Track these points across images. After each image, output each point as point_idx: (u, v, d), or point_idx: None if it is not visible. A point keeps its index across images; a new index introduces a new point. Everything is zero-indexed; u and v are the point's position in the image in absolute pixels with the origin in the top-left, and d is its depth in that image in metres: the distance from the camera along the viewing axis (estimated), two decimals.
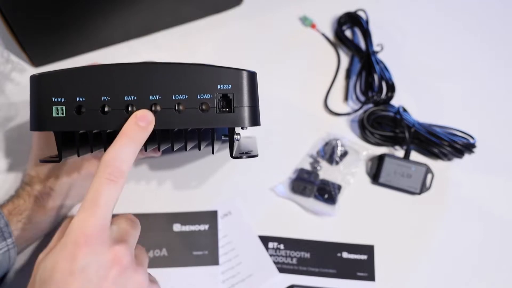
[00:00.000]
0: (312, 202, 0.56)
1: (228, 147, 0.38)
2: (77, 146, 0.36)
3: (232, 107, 0.34)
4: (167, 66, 0.34)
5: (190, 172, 0.56)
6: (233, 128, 0.36)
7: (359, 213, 0.56)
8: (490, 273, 0.55)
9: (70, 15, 0.52)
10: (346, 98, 0.62)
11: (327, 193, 0.55)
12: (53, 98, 0.34)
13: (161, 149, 0.37)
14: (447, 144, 0.56)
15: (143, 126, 0.33)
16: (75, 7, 0.51)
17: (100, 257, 0.30)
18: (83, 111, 0.34)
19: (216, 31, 0.63)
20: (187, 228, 0.54)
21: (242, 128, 0.37)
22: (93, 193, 0.31)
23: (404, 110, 0.58)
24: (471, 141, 0.57)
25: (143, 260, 0.34)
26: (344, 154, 0.58)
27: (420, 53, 0.65)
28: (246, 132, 0.54)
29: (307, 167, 0.57)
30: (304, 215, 0.56)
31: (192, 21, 0.63)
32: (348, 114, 0.60)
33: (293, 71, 0.62)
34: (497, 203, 0.58)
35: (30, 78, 0.35)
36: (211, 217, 0.54)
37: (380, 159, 0.57)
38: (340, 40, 0.64)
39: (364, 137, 0.59)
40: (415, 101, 0.61)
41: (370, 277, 0.54)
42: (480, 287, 0.55)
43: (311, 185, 0.55)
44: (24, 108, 0.56)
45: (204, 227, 0.54)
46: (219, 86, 0.34)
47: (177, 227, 0.54)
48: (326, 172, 0.57)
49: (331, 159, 0.57)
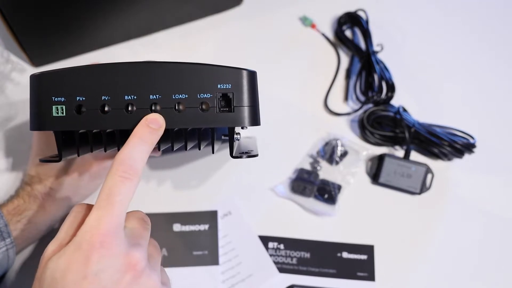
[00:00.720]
0: (312, 202, 0.56)
1: (228, 147, 0.38)
2: (77, 145, 0.36)
3: (232, 107, 0.34)
4: (167, 66, 0.34)
5: (190, 172, 0.56)
6: (233, 127, 0.36)
7: (359, 213, 0.56)
8: (490, 273, 0.55)
9: (70, 15, 0.52)
10: (346, 98, 0.62)
11: (327, 193, 0.55)
12: (53, 97, 0.34)
13: (161, 149, 0.37)
14: (447, 144, 0.56)
15: (154, 128, 0.33)
16: (75, 7, 0.51)
17: (115, 262, 0.29)
18: (83, 110, 0.34)
19: (216, 31, 0.63)
20: (187, 228, 0.54)
21: (242, 127, 0.37)
22: (108, 190, 0.31)
23: (404, 110, 0.58)
24: (471, 141, 0.57)
25: (156, 262, 0.34)
26: (344, 154, 0.58)
27: (420, 53, 0.65)
28: (246, 132, 0.54)
29: (307, 167, 0.57)
30: (304, 215, 0.56)
31: (192, 21, 0.63)
32: (348, 114, 0.60)
33: (293, 71, 0.62)
34: (497, 203, 0.58)
35: (30, 77, 0.35)
36: (211, 217, 0.54)
37: (380, 159, 0.57)
38: (340, 40, 0.64)
39: (364, 137, 0.59)
40: (415, 101, 0.61)
41: (370, 277, 0.54)
42: (480, 287, 0.55)
43: (311, 185, 0.55)
44: (24, 108, 0.56)
45: (204, 227, 0.54)
46: (219, 86, 0.34)
47: (177, 227, 0.54)
48: (326, 172, 0.57)
49: (331, 159, 0.57)
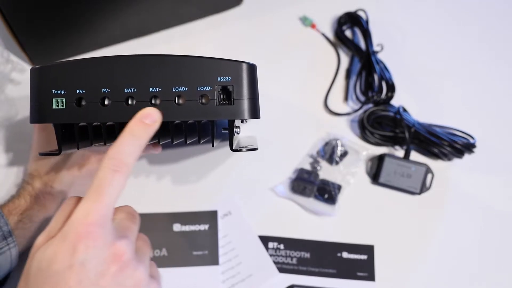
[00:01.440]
0: (312, 202, 0.56)
1: (228, 145, 0.38)
2: (77, 138, 0.36)
3: (232, 99, 0.34)
4: (167, 58, 0.34)
5: (190, 172, 0.56)
6: (233, 120, 0.36)
7: (359, 213, 0.56)
8: (490, 273, 0.55)
9: (70, 15, 0.52)
10: (346, 98, 0.62)
11: (327, 193, 0.55)
12: (53, 90, 0.34)
13: (160, 143, 0.37)
14: (447, 144, 0.56)
15: (148, 124, 0.33)
16: (75, 7, 0.51)
17: (100, 252, 0.29)
18: (83, 103, 0.34)
19: (216, 31, 0.63)
20: (187, 228, 0.54)
21: (242, 121, 0.37)
22: (97, 182, 0.31)
23: (404, 110, 0.58)
24: (471, 141, 0.57)
25: (144, 255, 0.34)
26: (344, 154, 0.58)
27: (420, 53, 0.65)
28: (246, 131, 0.54)
29: (307, 167, 0.57)
30: (304, 215, 0.56)
31: (192, 21, 0.63)
32: (348, 114, 0.60)
33: (293, 71, 0.62)
34: (497, 203, 0.58)
35: (31, 71, 0.35)
36: (211, 217, 0.54)
37: (380, 159, 0.57)
38: (340, 40, 0.64)
39: (364, 137, 0.59)
40: (415, 101, 0.61)
41: (370, 277, 0.54)
42: (480, 287, 0.55)
43: (311, 185, 0.55)
44: (24, 108, 0.56)
45: (204, 227, 0.54)
46: (219, 78, 0.34)
47: (177, 227, 0.54)
48: (326, 172, 0.57)
49: (331, 159, 0.57)
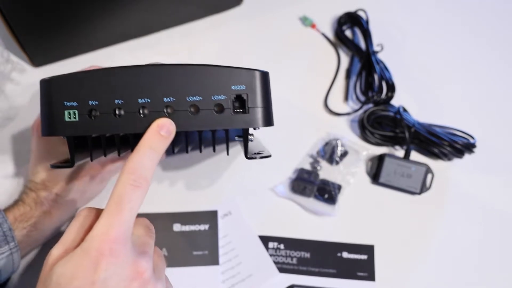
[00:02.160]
0: (312, 202, 0.56)
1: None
2: (91, 150, 0.36)
3: (247, 108, 0.34)
4: (180, 68, 0.34)
5: (190, 172, 0.56)
6: (247, 128, 0.36)
7: (359, 213, 0.56)
8: (491, 273, 0.55)
9: (70, 15, 0.52)
10: (346, 98, 0.62)
11: (327, 193, 0.55)
12: (65, 102, 0.33)
13: (175, 152, 0.36)
14: (447, 144, 0.56)
15: (164, 136, 0.33)
16: (75, 7, 0.51)
17: (122, 269, 0.30)
18: (96, 114, 0.33)
19: (216, 31, 0.63)
20: (187, 228, 0.54)
21: (254, 128, 0.37)
22: (117, 198, 0.31)
23: (404, 110, 0.58)
24: (471, 141, 0.57)
25: (161, 271, 0.34)
26: (344, 154, 0.58)
27: (420, 53, 0.65)
28: None
29: (307, 167, 0.57)
30: (304, 215, 0.56)
31: (192, 21, 0.63)
32: (348, 114, 0.60)
33: (293, 71, 0.62)
34: (497, 203, 0.58)
35: (41, 82, 0.34)
36: (211, 217, 0.54)
37: (380, 159, 0.57)
38: (340, 40, 0.64)
39: (364, 137, 0.59)
40: (415, 101, 0.61)
41: (370, 277, 0.54)
42: (480, 287, 0.55)
43: (311, 185, 0.55)
44: (24, 108, 0.56)
45: (204, 227, 0.54)
46: (233, 87, 0.34)
47: (177, 227, 0.54)
48: (326, 172, 0.57)
49: (331, 159, 0.57)
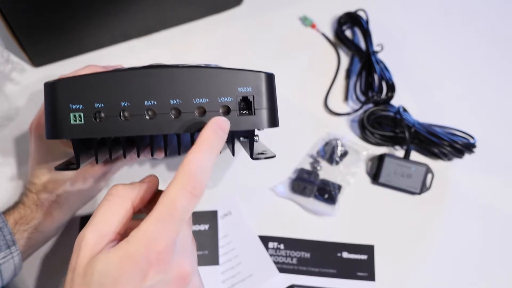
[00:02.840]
0: (312, 202, 0.56)
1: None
2: (96, 152, 0.36)
3: (253, 109, 0.34)
4: (187, 70, 0.34)
5: None
6: (253, 130, 0.36)
7: (359, 213, 0.56)
8: (491, 273, 0.55)
9: (70, 15, 0.52)
10: (346, 98, 0.62)
11: (327, 193, 0.55)
12: (70, 105, 0.33)
13: (181, 154, 0.36)
14: (447, 144, 0.56)
15: (221, 136, 0.32)
16: (75, 7, 0.51)
17: (168, 276, 0.29)
18: (102, 117, 0.33)
19: (216, 31, 0.63)
20: None
21: (258, 129, 0.37)
22: (171, 204, 0.29)
23: (404, 110, 0.58)
24: (471, 141, 0.57)
25: (196, 262, 0.33)
26: (344, 154, 0.58)
27: (420, 53, 0.65)
28: None
29: (307, 167, 0.57)
30: (304, 215, 0.56)
31: (192, 21, 0.63)
32: (348, 114, 0.60)
33: (293, 71, 0.62)
34: (497, 203, 0.58)
35: (45, 85, 0.34)
36: (211, 217, 0.54)
37: (380, 159, 0.57)
38: (340, 40, 0.64)
39: (364, 137, 0.59)
40: (415, 101, 0.61)
41: (370, 277, 0.54)
42: (480, 287, 0.55)
43: (311, 185, 0.55)
44: (24, 108, 0.57)
45: (204, 227, 0.54)
46: (239, 89, 0.34)
47: None
48: (326, 172, 0.57)
49: (331, 159, 0.57)
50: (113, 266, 0.28)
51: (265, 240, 0.54)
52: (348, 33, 0.65)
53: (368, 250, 0.55)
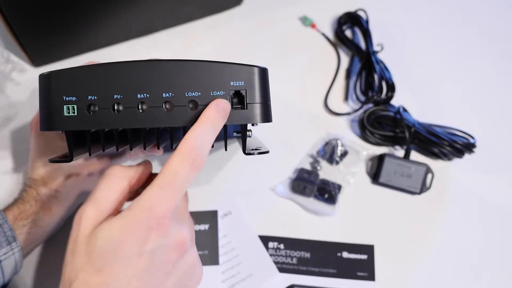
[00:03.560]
0: (312, 202, 0.56)
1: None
2: (89, 145, 0.36)
3: (245, 104, 0.34)
4: (180, 63, 0.34)
5: None
6: (246, 124, 0.36)
7: (359, 213, 0.56)
8: (490, 273, 0.55)
9: (70, 15, 0.52)
10: (346, 98, 0.62)
11: (327, 193, 0.55)
12: (64, 97, 0.33)
13: (173, 147, 0.36)
14: (447, 144, 0.56)
15: (222, 115, 0.33)
16: (75, 7, 0.51)
17: (167, 241, 0.30)
18: (95, 109, 0.34)
19: (216, 31, 0.63)
20: None
21: (252, 124, 0.37)
22: (172, 174, 0.31)
23: (404, 110, 0.58)
24: (471, 141, 0.57)
25: (193, 235, 0.35)
26: (344, 154, 0.58)
27: (420, 53, 0.65)
28: None
29: (307, 167, 0.57)
30: (304, 215, 0.56)
31: (192, 21, 0.63)
32: (348, 114, 0.60)
33: (293, 71, 0.62)
34: (497, 203, 0.58)
35: (40, 77, 0.34)
36: (211, 217, 0.54)
37: (380, 159, 0.57)
38: (340, 40, 0.64)
39: (364, 137, 0.59)
40: (415, 101, 0.61)
41: (370, 277, 0.54)
42: (480, 287, 0.55)
43: (311, 185, 0.55)
44: (24, 108, 0.56)
45: (204, 227, 0.54)
46: (231, 83, 0.34)
47: None
48: (326, 172, 0.57)
49: (331, 159, 0.57)
50: (116, 231, 0.30)
51: (265, 240, 0.54)
52: (348, 33, 0.65)
53: (368, 250, 0.55)
